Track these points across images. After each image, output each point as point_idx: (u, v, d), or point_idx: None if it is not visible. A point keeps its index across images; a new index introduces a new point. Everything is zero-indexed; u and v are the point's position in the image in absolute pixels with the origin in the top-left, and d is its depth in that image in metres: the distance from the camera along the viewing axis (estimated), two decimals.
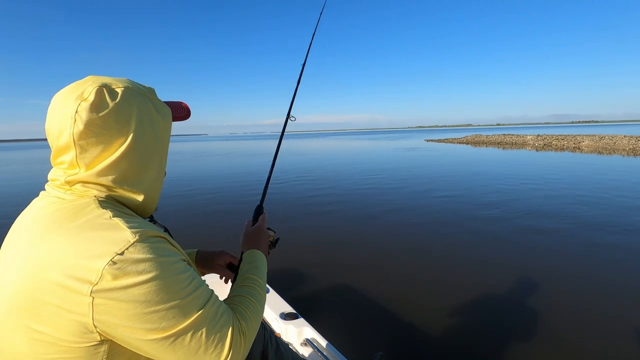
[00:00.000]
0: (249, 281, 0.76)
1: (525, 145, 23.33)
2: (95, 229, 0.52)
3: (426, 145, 27.37)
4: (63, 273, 0.49)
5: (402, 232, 4.63)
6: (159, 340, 0.52)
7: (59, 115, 0.57)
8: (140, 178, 0.63)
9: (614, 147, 18.71)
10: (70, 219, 0.54)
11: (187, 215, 5.92)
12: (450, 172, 10.43)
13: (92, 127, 0.56)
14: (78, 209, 0.55)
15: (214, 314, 0.57)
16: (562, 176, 9.03)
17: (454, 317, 2.55)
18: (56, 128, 0.58)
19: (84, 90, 0.58)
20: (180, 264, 0.57)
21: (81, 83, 0.60)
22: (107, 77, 0.62)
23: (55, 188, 0.60)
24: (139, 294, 0.50)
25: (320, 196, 7.31)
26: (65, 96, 0.58)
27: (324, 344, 1.53)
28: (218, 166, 15.18)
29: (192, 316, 0.54)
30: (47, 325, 0.50)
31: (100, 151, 0.58)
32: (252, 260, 0.83)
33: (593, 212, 5.30)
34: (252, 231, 0.94)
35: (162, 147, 0.67)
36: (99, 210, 0.55)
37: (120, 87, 0.61)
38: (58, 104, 0.59)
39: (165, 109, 0.68)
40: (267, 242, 0.95)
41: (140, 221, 0.58)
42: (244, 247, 0.91)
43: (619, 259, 3.49)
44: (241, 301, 0.69)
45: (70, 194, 0.58)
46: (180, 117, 0.76)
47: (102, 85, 0.59)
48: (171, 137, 0.71)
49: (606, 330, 2.33)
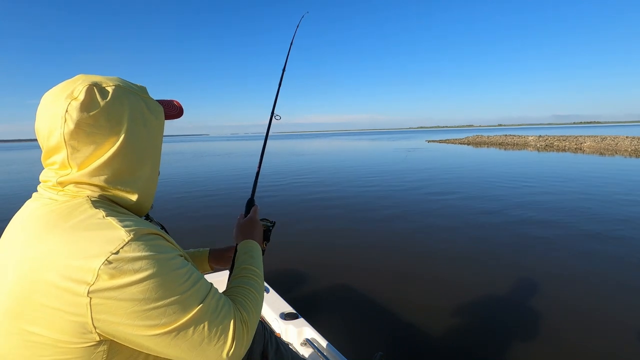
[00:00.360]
0: (246, 271, 0.76)
1: (526, 146, 23.28)
2: (89, 228, 0.52)
3: (427, 146, 27.34)
4: (59, 274, 0.49)
5: (402, 232, 4.62)
6: (160, 336, 0.52)
7: (49, 115, 0.56)
8: (134, 177, 0.62)
9: (616, 148, 18.65)
10: (64, 219, 0.53)
11: (185, 215, 5.93)
12: (451, 173, 10.41)
13: (83, 126, 0.56)
14: (71, 209, 0.55)
15: (214, 306, 0.57)
16: (564, 176, 9.01)
17: (454, 317, 2.55)
18: (46, 128, 0.57)
19: (74, 89, 0.57)
20: (177, 260, 0.57)
21: (71, 82, 0.59)
22: (97, 76, 0.61)
23: (47, 189, 0.59)
24: (137, 291, 0.50)
25: (321, 196, 7.31)
26: (55, 95, 0.57)
27: (324, 344, 1.54)
28: (218, 166, 15.21)
29: (192, 310, 0.54)
30: (44, 327, 0.50)
31: (92, 151, 0.57)
32: (246, 251, 0.83)
33: (595, 211, 5.29)
34: (244, 222, 0.94)
35: (155, 145, 0.66)
36: (92, 210, 0.55)
37: (111, 86, 0.60)
38: (48, 103, 0.57)
39: (158, 107, 0.68)
40: (260, 232, 0.95)
41: (134, 219, 0.58)
42: (237, 239, 0.91)
43: (620, 258, 3.48)
44: (240, 292, 0.69)
45: (63, 195, 0.58)
46: (172, 115, 0.75)
47: (92, 84, 0.58)
48: (172, 137, 0.70)
49: (607, 329, 2.33)
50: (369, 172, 11.30)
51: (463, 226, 4.81)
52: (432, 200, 6.52)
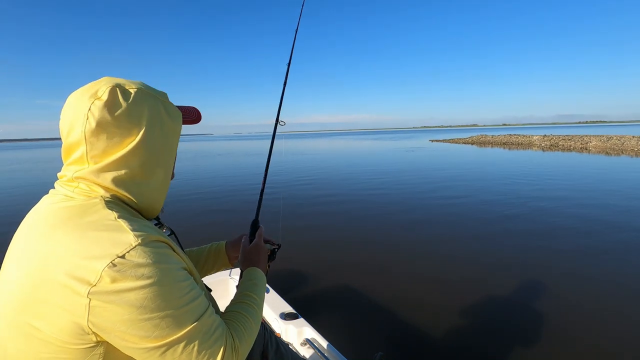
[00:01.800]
0: (246, 298, 0.76)
1: (531, 145, 23.09)
2: (99, 229, 0.53)
3: (430, 145, 27.21)
4: (64, 271, 0.50)
5: (402, 232, 4.62)
6: (150, 350, 0.52)
7: (72, 112, 0.59)
8: (148, 178, 0.63)
9: (622, 148, 18.45)
10: (77, 217, 0.55)
11: (190, 215, 5.97)
12: (452, 173, 10.36)
13: (104, 125, 0.58)
14: (85, 208, 0.56)
15: (208, 327, 0.57)
16: (566, 176, 8.94)
17: (454, 317, 2.55)
18: (68, 125, 0.59)
19: (98, 89, 0.59)
20: (180, 272, 0.57)
21: (96, 83, 0.61)
22: (121, 79, 0.63)
23: (64, 185, 0.61)
24: (135, 299, 0.50)
25: (321, 196, 7.32)
26: (80, 95, 0.60)
27: (324, 344, 1.54)
28: (218, 166, 15.26)
29: (186, 327, 0.53)
30: (46, 323, 0.51)
31: (110, 148, 0.59)
32: (251, 278, 0.83)
33: (599, 212, 5.25)
34: (250, 249, 0.94)
35: (171, 149, 0.68)
36: (104, 210, 0.56)
37: (134, 88, 0.62)
38: (72, 102, 0.60)
39: (176, 112, 0.69)
40: (265, 257, 0.95)
41: (145, 224, 0.59)
42: (243, 265, 0.91)
43: (626, 259, 3.46)
44: (237, 317, 0.68)
45: (79, 193, 0.59)
46: (190, 120, 0.77)
47: (115, 85, 0.60)
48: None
49: (607, 329, 2.32)
50: (371, 172, 11.28)
51: (464, 226, 4.79)
52: (433, 201, 6.50)
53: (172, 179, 0.72)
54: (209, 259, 1.04)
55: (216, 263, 1.05)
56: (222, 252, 1.05)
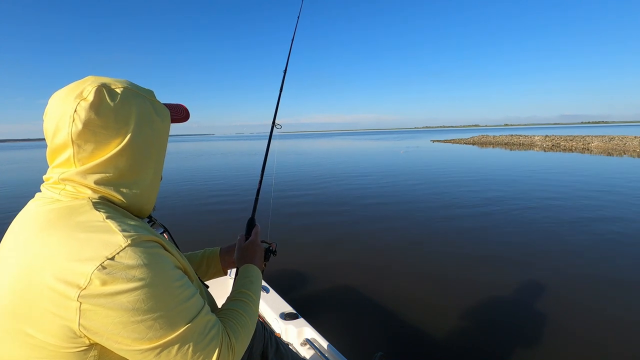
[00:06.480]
0: (242, 295, 0.75)
1: (533, 146, 23.05)
2: (87, 230, 0.51)
3: (432, 145, 27.19)
4: (53, 275, 0.48)
5: (402, 232, 4.62)
6: (143, 351, 0.51)
7: (58, 114, 0.56)
8: (137, 178, 0.62)
9: (624, 148, 18.39)
10: (64, 220, 0.53)
11: (186, 215, 5.98)
12: (453, 173, 10.34)
13: (90, 126, 0.56)
14: (72, 209, 0.55)
15: (203, 327, 0.56)
16: (568, 176, 8.91)
17: (455, 317, 2.55)
18: (54, 127, 0.57)
19: (83, 90, 0.57)
20: (173, 272, 0.56)
21: (80, 83, 0.59)
22: (106, 78, 0.61)
23: (50, 188, 0.59)
24: (127, 301, 0.48)
25: (321, 196, 7.32)
26: (64, 95, 0.57)
27: (324, 344, 1.54)
28: (219, 166, 15.28)
29: (180, 328, 0.52)
30: (37, 328, 0.50)
31: (98, 150, 0.57)
32: (247, 275, 0.83)
33: (601, 211, 5.23)
34: (246, 246, 0.94)
35: (160, 147, 0.66)
36: (92, 211, 0.54)
37: (120, 88, 0.60)
38: (57, 103, 0.58)
39: (164, 110, 0.68)
40: (261, 255, 0.95)
41: (135, 224, 0.57)
42: (239, 262, 0.90)
43: (629, 256, 3.45)
44: (232, 315, 0.68)
45: (65, 195, 0.57)
46: (179, 118, 0.76)
47: (101, 85, 0.58)
48: (176, 136, 0.71)
49: (608, 328, 2.31)
50: (371, 172, 11.27)
51: (465, 225, 4.78)
52: (434, 200, 6.48)
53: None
54: (201, 264, 1.02)
55: (209, 269, 1.03)
56: (216, 257, 1.03)
